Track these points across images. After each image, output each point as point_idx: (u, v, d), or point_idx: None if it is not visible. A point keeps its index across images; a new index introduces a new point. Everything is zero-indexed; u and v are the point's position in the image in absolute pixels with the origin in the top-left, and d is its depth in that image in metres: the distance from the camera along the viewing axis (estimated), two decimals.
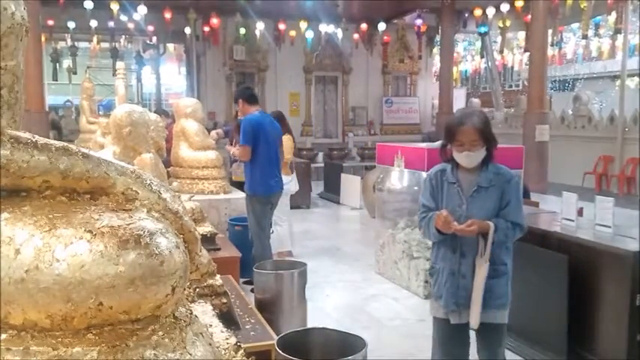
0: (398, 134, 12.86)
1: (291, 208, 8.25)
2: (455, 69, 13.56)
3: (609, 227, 2.94)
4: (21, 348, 0.78)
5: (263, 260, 4.09)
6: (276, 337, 2.03)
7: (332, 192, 9.20)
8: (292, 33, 11.21)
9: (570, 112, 10.38)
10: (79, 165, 0.87)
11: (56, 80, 12.58)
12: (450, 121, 2.30)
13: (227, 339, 1.62)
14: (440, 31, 11.39)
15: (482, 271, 2.16)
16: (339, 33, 11.45)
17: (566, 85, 17.68)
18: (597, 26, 11.71)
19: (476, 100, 12.70)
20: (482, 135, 2.17)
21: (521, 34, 12.39)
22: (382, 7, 10.91)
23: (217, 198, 5.09)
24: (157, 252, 0.82)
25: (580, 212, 3.20)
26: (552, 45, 11.13)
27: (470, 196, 2.22)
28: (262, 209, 4.31)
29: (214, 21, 10.60)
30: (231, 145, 5.25)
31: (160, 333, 0.85)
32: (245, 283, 4.12)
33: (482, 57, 13.18)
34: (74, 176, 0.87)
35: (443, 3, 10.33)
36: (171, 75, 15.41)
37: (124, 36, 12.35)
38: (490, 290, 2.18)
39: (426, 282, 4.36)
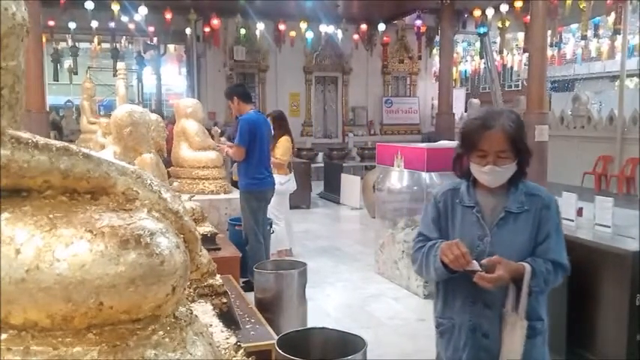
0: (398, 134, 12.88)
1: (291, 208, 8.27)
2: (454, 69, 13.56)
3: (609, 227, 2.94)
4: (21, 348, 0.78)
5: (258, 257, 4.14)
6: (276, 337, 2.03)
7: (332, 192, 9.20)
8: (292, 33, 11.22)
9: (570, 112, 10.38)
10: (79, 165, 0.87)
11: (57, 80, 12.58)
12: (469, 123, 1.67)
13: (227, 339, 1.62)
14: (439, 31, 11.39)
15: (516, 330, 1.59)
16: (339, 33, 11.45)
17: (566, 85, 17.70)
18: (596, 27, 11.70)
19: (475, 101, 12.72)
20: (514, 144, 1.59)
21: (521, 35, 12.39)
22: (382, 7, 10.91)
23: (218, 198, 5.10)
24: (157, 252, 0.82)
25: (579, 212, 3.20)
26: (551, 45, 11.13)
27: (495, 225, 1.64)
28: (258, 205, 4.43)
29: (215, 22, 10.60)
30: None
31: (161, 333, 0.85)
32: (243, 282, 4.14)
33: (481, 57, 13.16)
34: (75, 176, 0.87)
35: (442, 4, 10.33)
36: (171, 75, 15.41)
37: (124, 36, 12.35)
38: (523, 355, 1.60)
39: (426, 282, 4.36)
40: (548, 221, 1.65)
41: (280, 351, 1.87)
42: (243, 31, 11.00)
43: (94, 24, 10.05)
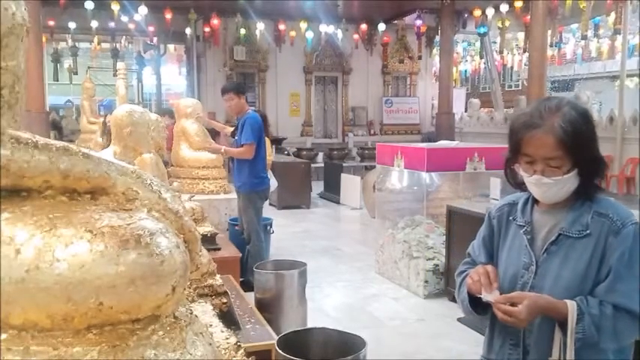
0: (398, 134, 12.88)
1: (291, 207, 8.25)
2: (454, 69, 13.57)
3: None
4: (21, 348, 0.78)
5: (260, 256, 4.16)
6: (276, 337, 2.03)
7: (332, 192, 9.21)
8: (292, 33, 11.22)
9: None
10: (79, 165, 0.87)
11: (57, 80, 12.59)
12: (515, 118, 1.33)
13: (227, 339, 1.62)
14: (439, 31, 11.40)
15: None
16: (339, 33, 11.46)
17: (566, 85, 17.70)
18: (596, 27, 11.71)
19: (475, 101, 12.71)
20: (570, 149, 1.23)
21: (521, 35, 12.40)
22: (382, 7, 10.92)
23: (217, 198, 5.11)
24: (157, 252, 0.82)
25: None
26: (552, 45, 11.14)
27: (544, 252, 1.30)
28: (261, 204, 4.50)
29: (215, 22, 10.61)
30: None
31: (160, 333, 0.85)
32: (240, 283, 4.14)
33: (481, 57, 13.19)
34: (75, 176, 0.87)
35: (442, 4, 10.34)
36: (171, 75, 15.42)
37: (124, 36, 12.36)
38: None
39: (426, 282, 4.37)
40: (615, 252, 1.23)
41: (280, 351, 1.87)
42: (243, 31, 11.00)
43: (94, 24, 10.06)
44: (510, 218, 1.39)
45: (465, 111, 13.21)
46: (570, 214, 1.30)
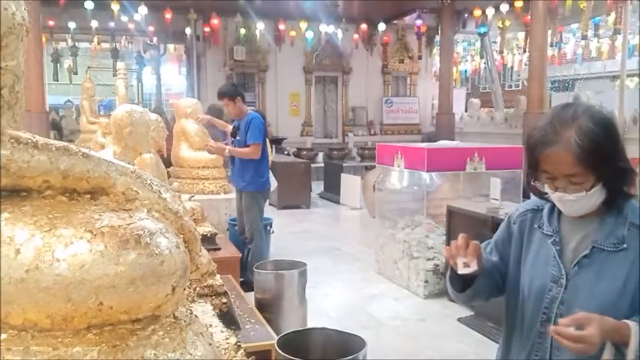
0: (398, 134, 12.88)
1: (291, 208, 8.24)
2: (455, 69, 13.56)
3: None
4: (21, 348, 0.78)
5: (262, 256, 4.18)
6: (276, 337, 2.03)
7: (332, 192, 9.20)
8: (292, 33, 11.22)
9: None
10: (79, 165, 0.87)
11: (57, 80, 12.58)
12: (531, 133, 1.24)
13: (227, 339, 1.63)
14: (440, 31, 11.40)
15: None
16: (339, 33, 11.46)
17: (566, 85, 17.70)
18: (597, 26, 11.72)
19: (476, 101, 12.71)
20: (590, 164, 1.14)
21: (521, 35, 12.40)
22: (382, 7, 10.92)
23: (217, 198, 5.11)
24: (157, 252, 0.82)
25: None
26: (552, 45, 11.13)
27: (576, 265, 1.22)
28: (264, 204, 4.56)
29: (215, 21, 10.61)
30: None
31: (160, 333, 0.85)
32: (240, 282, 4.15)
33: (481, 57, 13.19)
34: (74, 176, 0.87)
35: (442, 3, 10.34)
36: (171, 75, 15.41)
37: (124, 36, 12.35)
38: None
39: (426, 282, 4.37)
40: None
41: (280, 351, 1.87)
42: (243, 31, 11.00)
43: (94, 24, 10.06)
44: (535, 226, 1.30)
45: (465, 111, 13.20)
46: (603, 226, 1.21)
